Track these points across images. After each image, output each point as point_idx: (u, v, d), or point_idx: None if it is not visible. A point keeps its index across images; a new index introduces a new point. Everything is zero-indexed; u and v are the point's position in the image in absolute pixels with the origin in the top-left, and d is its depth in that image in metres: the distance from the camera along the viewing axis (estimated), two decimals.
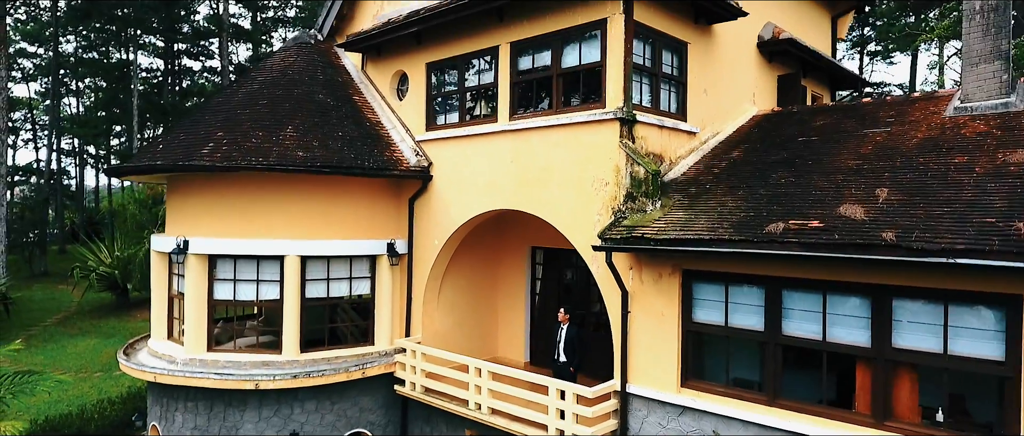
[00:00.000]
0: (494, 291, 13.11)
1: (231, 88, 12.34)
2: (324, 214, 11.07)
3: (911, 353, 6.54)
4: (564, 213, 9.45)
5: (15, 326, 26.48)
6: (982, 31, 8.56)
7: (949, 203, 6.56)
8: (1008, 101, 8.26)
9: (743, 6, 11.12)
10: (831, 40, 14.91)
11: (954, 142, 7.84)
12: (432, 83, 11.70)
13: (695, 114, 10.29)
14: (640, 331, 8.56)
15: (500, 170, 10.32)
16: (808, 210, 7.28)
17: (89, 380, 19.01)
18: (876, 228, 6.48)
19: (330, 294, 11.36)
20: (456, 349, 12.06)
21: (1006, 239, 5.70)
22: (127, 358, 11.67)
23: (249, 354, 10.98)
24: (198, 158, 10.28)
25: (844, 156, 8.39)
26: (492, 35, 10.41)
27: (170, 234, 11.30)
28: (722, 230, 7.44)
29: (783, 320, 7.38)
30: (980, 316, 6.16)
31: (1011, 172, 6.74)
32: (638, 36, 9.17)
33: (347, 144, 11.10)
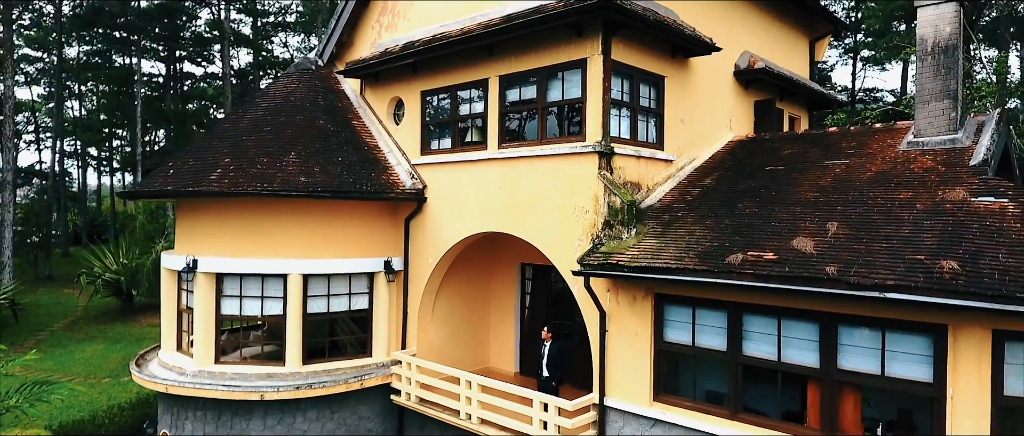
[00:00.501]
0: (486, 304, 13.86)
1: (237, 113, 13.07)
2: (325, 234, 11.81)
3: (854, 374, 7.28)
4: (548, 237, 10.20)
5: (24, 331, 27.23)
6: (933, 71, 9.29)
7: (888, 239, 7.29)
8: (955, 137, 9.00)
9: (721, 36, 11.89)
10: (809, 63, 15.63)
11: (902, 177, 8.57)
12: (426, 110, 12.44)
13: (672, 143, 11.02)
14: (616, 348, 9.31)
15: (490, 195, 11.06)
16: (766, 242, 8.01)
17: (98, 386, 19.74)
18: (822, 262, 7.22)
19: (330, 309, 12.10)
20: (450, 360, 12.83)
21: (930, 276, 6.43)
22: (139, 369, 12.42)
23: (254, 366, 11.73)
24: (206, 184, 11.02)
25: (804, 188, 9.12)
26: (483, 68, 11.15)
27: (180, 253, 12.04)
28: (688, 259, 8.19)
29: (743, 342, 8.12)
30: (912, 342, 6.90)
31: (946, 210, 7.47)
32: (617, 73, 9.91)
33: (346, 168, 11.84)
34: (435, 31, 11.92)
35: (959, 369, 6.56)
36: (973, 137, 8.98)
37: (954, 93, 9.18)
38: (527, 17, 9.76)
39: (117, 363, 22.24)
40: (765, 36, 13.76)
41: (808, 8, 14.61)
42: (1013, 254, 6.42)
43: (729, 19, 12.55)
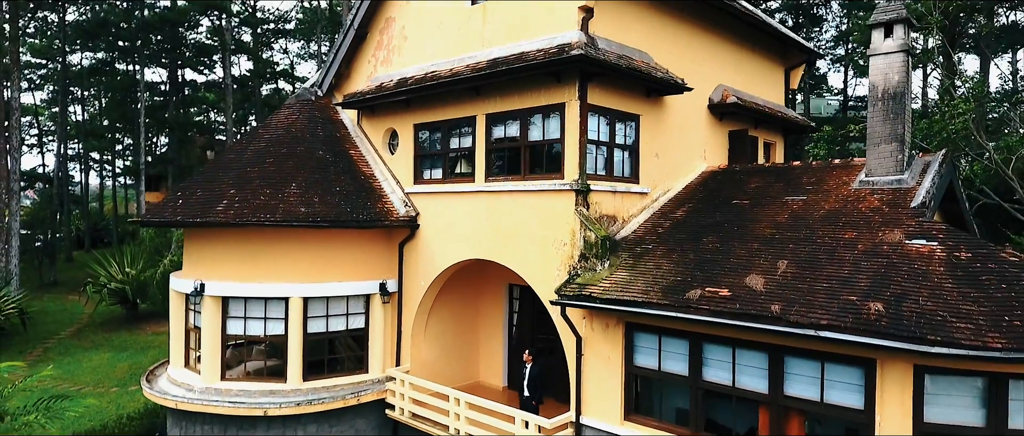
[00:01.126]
0: (476, 323, 14.72)
1: (241, 144, 13.93)
2: (324, 259, 12.67)
3: (798, 400, 8.14)
4: (530, 266, 11.06)
5: (32, 339, 28.11)
6: (883, 116, 10.14)
7: (829, 279, 8.14)
8: (901, 178, 9.85)
9: (696, 71, 12.77)
10: (785, 90, 16.47)
11: (850, 216, 9.42)
12: (419, 141, 13.29)
13: (647, 176, 11.88)
14: (591, 371, 10.18)
15: (477, 224, 11.92)
16: (723, 278, 8.87)
17: (107, 395, 20.63)
18: (769, 299, 8.08)
19: (329, 329, 12.98)
20: (442, 375, 13.71)
21: (858, 317, 7.29)
22: (150, 385, 13.31)
23: (258, 383, 12.60)
24: (213, 214, 11.88)
25: (763, 224, 9.98)
26: (471, 106, 12.00)
27: (188, 277, 12.91)
28: (653, 293, 9.05)
29: (703, 368, 8.98)
30: (847, 373, 7.75)
31: (882, 252, 8.32)
32: (593, 113, 10.76)
33: (344, 198, 12.70)
34: (427, 69, 12.78)
35: (886, 398, 7.42)
36: (918, 178, 9.83)
37: (901, 137, 10.04)
38: (510, 64, 10.62)
39: (124, 372, 23.13)
40: (740, 67, 14.60)
41: (783, 40, 15.44)
42: (932, 297, 7.27)
43: (704, 54, 13.39)
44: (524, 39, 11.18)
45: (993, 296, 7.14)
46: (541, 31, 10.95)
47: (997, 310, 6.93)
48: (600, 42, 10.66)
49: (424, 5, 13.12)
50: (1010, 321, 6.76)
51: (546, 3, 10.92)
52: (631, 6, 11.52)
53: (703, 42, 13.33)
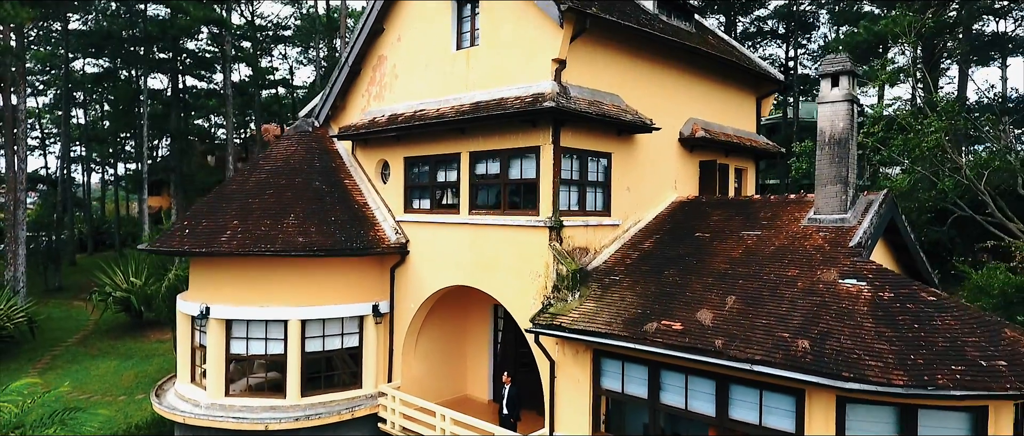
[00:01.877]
0: (463, 340, 15.79)
1: (243, 174, 14.97)
2: (320, 284, 13.72)
3: (741, 423, 9.19)
4: (509, 294, 12.11)
5: (40, 346, 29.20)
6: (829, 160, 11.17)
7: (769, 315, 9.19)
8: (844, 217, 10.88)
9: (667, 107, 13.81)
10: (756, 117, 17.47)
11: (796, 253, 10.46)
12: (409, 173, 14.33)
13: (619, 208, 12.91)
14: (563, 391, 11.23)
15: (461, 253, 12.97)
16: (678, 311, 9.92)
17: (115, 404, 21.72)
18: (715, 334, 9.13)
19: (326, 348, 14.04)
20: (431, 389, 14.79)
21: (787, 353, 8.34)
22: (159, 400, 14.39)
23: (259, 398, 13.66)
24: (218, 245, 12.93)
25: (719, 259, 11.01)
26: (455, 143, 13.04)
27: (194, 300, 13.97)
28: (616, 325, 10.10)
29: (661, 392, 10.04)
30: (781, 400, 8.80)
31: (817, 290, 9.36)
32: (567, 155, 11.80)
33: (339, 227, 13.75)
34: (416, 107, 13.81)
35: (813, 423, 8.47)
36: (860, 216, 10.86)
37: (845, 178, 11.07)
38: (490, 110, 11.65)
39: (131, 381, 24.22)
40: (711, 100, 15.60)
41: (754, 73, 16.44)
42: (852, 336, 8.31)
43: (675, 90, 14.40)
44: (504, 85, 12.20)
45: (904, 335, 8.19)
46: (519, 79, 11.98)
47: (905, 349, 7.97)
48: (572, 89, 11.69)
49: (414, 47, 14.14)
50: (914, 359, 7.80)
51: (523, 53, 11.95)
52: (603, 52, 12.53)
53: (674, 79, 14.34)
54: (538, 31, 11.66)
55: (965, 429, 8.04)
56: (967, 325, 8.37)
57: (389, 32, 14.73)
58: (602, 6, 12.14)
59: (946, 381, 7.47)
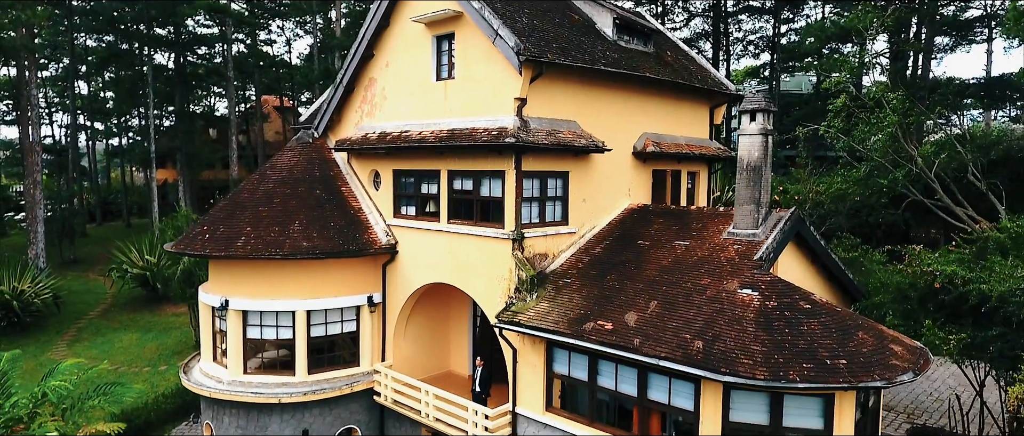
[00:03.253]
0: (446, 324, 18.36)
1: (253, 182, 17.30)
2: (322, 280, 16.20)
3: (655, 402, 11.75)
4: (480, 293, 14.60)
5: (65, 319, 32.01)
6: (746, 183, 13.47)
7: (680, 318, 11.65)
8: (755, 233, 13.25)
9: (622, 125, 16.02)
10: (709, 125, 19.62)
11: (713, 264, 12.84)
12: (397, 183, 16.66)
13: (575, 218, 15.27)
14: (523, 375, 13.82)
15: (442, 256, 15.41)
16: (611, 313, 12.39)
17: (141, 374, 24.54)
18: (636, 333, 11.62)
19: (328, 333, 16.60)
20: (418, 367, 17.43)
21: (686, 352, 10.82)
22: (187, 377, 17.06)
23: (273, 376, 16.30)
24: (235, 249, 15.37)
25: (652, 267, 13.43)
26: (436, 161, 15.34)
27: (214, 293, 16.48)
28: (562, 323, 12.59)
29: (597, 376, 12.59)
30: (684, 386, 11.33)
31: (721, 298, 11.79)
32: (528, 177, 14.11)
33: (337, 232, 16.16)
34: (402, 127, 16.05)
35: (706, 404, 11.01)
36: (768, 232, 13.22)
37: (758, 200, 13.38)
38: (462, 140, 13.93)
39: (153, 353, 27.03)
40: (665, 114, 17.74)
41: (706, 89, 18.51)
42: (736, 338, 10.77)
43: (629, 110, 16.55)
44: (476, 115, 14.44)
45: (775, 338, 10.66)
46: (488, 111, 14.21)
47: (773, 349, 10.46)
48: (533, 122, 13.93)
49: (400, 73, 16.29)
50: (777, 358, 10.29)
51: (492, 89, 14.14)
52: (561, 85, 14.70)
53: (628, 100, 16.49)
54: (503, 72, 13.84)
55: (818, 411, 10.60)
56: (827, 329, 10.84)
57: (379, 57, 16.84)
58: (560, 47, 14.28)
59: (795, 376, 9.98)
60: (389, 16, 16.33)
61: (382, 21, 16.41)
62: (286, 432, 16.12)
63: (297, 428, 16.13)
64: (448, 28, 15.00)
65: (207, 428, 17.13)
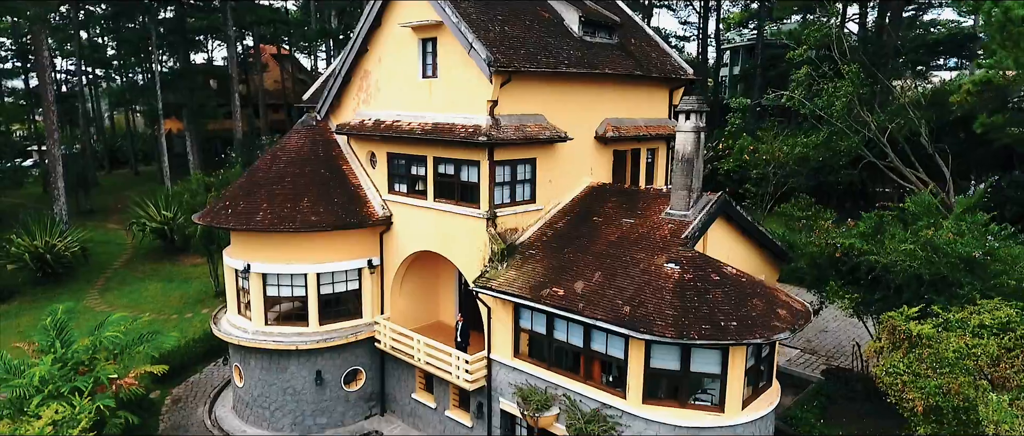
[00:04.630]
0: (436, 281, 21.60)
1: (266, 161, 20.18)
2: (329, 247, 19.31)
3: (597, 352, 15.06)
4: (461, 261, 17.74)
5: (94, 270, 35.49)
6: (681, 171, 16.33)
7: (617, 287, 14.78)
8: (686, 214, 16.22)
9: (585, 114, 18.68)
10: (668, 106, 22.23)
11: (650, 240, 15.88)
12: (391, 163, 19.52)
13: (542, 197, 18.22)
14: (496, 329, 17.10)
15: (429, 229, 18.47)
16: (565, 281, 15.53)
17: (170, 322, 28.08)
18: (580, 299, 14.78)
19: (335, 290, 19.85)
20: (412, 318, 20.79)
21: (617, 316, 13.99)
22: (217, 327, 20.48)
23: (290, 326, 19.65)
24: (254, 223, 18.43)
25: (601, 242, 16.48)
26: (423, 149, 18.16)
27: (237, 257, 19.63)
28: (525, 288, 15.76)
29: (553, 331, 15.86)
30: (617, 341, 14.58)
31: (650, 271, 14.87)
32: (500, 165, 16.97)
33: (341, 206, 19.17)
34: (394, 116, 18.78)
35: (632, 353, 14.28)
36: (697, 213, 16.19)
37: (690, 186, 16.27)
38: (443, 134, 16.73)
39: (178, 301, 30.53)
40: (626, 100, 20.34)
41: (664, 76, 21.00)
42: (655, 305, 13.91)
43: (592, 100, 19.16)
44: (456, 111, 17.17)
45: (685, 305, 13.81)
46: (466, 108, 16.93)
47: (682, 314, 13.62)
48: (503, 119, 16.68)
49: (391, 68, 18.89)
50: (684, 321, 13.47)
51: (469, 89, 16.82)
52: (530, 84, 17.32)
53: (591, 91, 19.09)
54: (478, 77, 16.48)
55: (717, 360, 13.86)
56: (727, 297, 13.99)
57: (372, 52, 19.39)
58: (527, 53, 16.87)
59: (695, 335, 13.18)
60: (381, 17, 18.78)
61: (375, 21, 18.87)
62: (302, 373, 19.63)
63: (311, 370, 19.63)
64: (431, 33, 17.53)
65: (236, 370, 20.68)
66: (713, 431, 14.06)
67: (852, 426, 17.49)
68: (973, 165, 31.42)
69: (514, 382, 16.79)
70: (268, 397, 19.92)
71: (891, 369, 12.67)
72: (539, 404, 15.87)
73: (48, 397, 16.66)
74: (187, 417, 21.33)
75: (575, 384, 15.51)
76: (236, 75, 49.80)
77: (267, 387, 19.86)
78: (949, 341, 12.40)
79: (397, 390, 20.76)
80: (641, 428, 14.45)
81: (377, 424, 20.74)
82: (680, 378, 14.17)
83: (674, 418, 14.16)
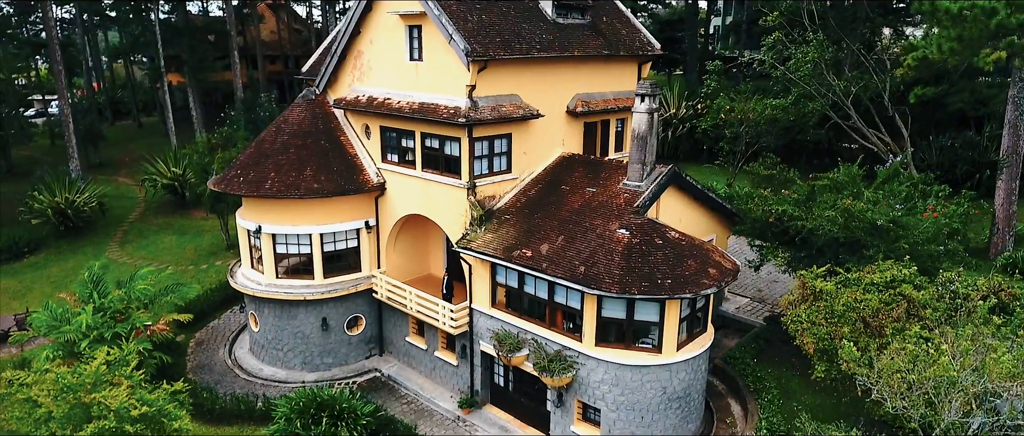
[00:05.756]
0: (427, 239, 24.46)
1: (272, 133, 22.70)
2: (330, 211, 22.06)
3: (559, 303, 18.01)
4: (446, 224, 20.53)
5: (111, 223, 38.37)
6: (636, 148, 18.89)
7: (574, 250, 17.58)
8: (640, 185, 18.87)
9: (557, 91, 21.09)
10: (637, 77, 24.50)
11: (607, 208, 18.59)
12: (383, 135, 22.06)
13: (517, 166, 20.83)
14: (476, 283, 20.03)
15: (418, 195, 21.19)
16: (532, 243, 18.33)
17: (187, 273, 31.12)
18: (544, 260, 17.62)
19: (336, 248, 22.74)
20: (405, 271, 23.77)
21: (572, 273, 16.85)
22: (233, 279, 23.49)
23: (298, 279, 22.63)
24: (264, 190, 21.14)
25: (566, 209, 19.19)
26: (412, 125, 20.68)
27: (249, 219, 22.42)
28: (499, 249, 18.59)
29: (523, 286, 18.78)
30: (575, 295, 17.50)
31: (605, 235, 17.64)
32: (478, 141, 19.53)
33: (340, 174, 21.83)
34: (385, 94, 21.20)
35: (586, 305, 17.23)
36: (649, 185, 18.85)
37: (644, 160, 18.85)
38: (428, 114, 19.23)
39: (192, 254, 33.52)
40: (596, 76, 22.64)
41: (632, 53, 23.21)
42: (606, 265, 16.74)
43: (564, 78, 21.50)
44: (440, 93, 19.59)
45: (630, 265, 16.64)
46: (448, 90, 19.34)
47: (627, 273, 16.47)
48: (481, 101, 19.13)
49: (381, 50, 21.17)
50: (628, 279, 16.33)
51: (450, 73, 19.19)
52: (505, 68, 19.66)
53: (562, 71, 21.40)
54: (458, 64, 18.82)
55: (656, 311, 16.80)
56: (666, 259, 16.81)
57: (364, 35, 21.63)
58: (502, 41, 19.16)
59: (635, 291, 16.07)
60: (371, 3, 20.94)
61: (366, 6, 21.03)
62: (310, 320, 22.74)
63: (318, 317, 22.74)
64: (417, 21, 19.76)
65: (252, 317, 23.81)
66: (651, 368, 17.16)
67: (781, 366, 20.64)
68: (932, 125, 33.70)
69: (491, 328, 19.85)
70: (281, 340, 23.11)
71: (794, 318, 15.60)
72: (512, 346, 18.95)
73: (94, 341, 19.77)
74: (210, 357, 24.58)
75: (541, 330, 18.54)
76: (234, 27, 51.38)
77: (279, 332, 23.02)
78: (842, 296, 15.28)
79: (393, 334, 23.93)
80: (594, 366, 17.56)
81: (376, 363, 24.01)
82: (626, 326, 17.16)
83: (621, 358, 17.23)
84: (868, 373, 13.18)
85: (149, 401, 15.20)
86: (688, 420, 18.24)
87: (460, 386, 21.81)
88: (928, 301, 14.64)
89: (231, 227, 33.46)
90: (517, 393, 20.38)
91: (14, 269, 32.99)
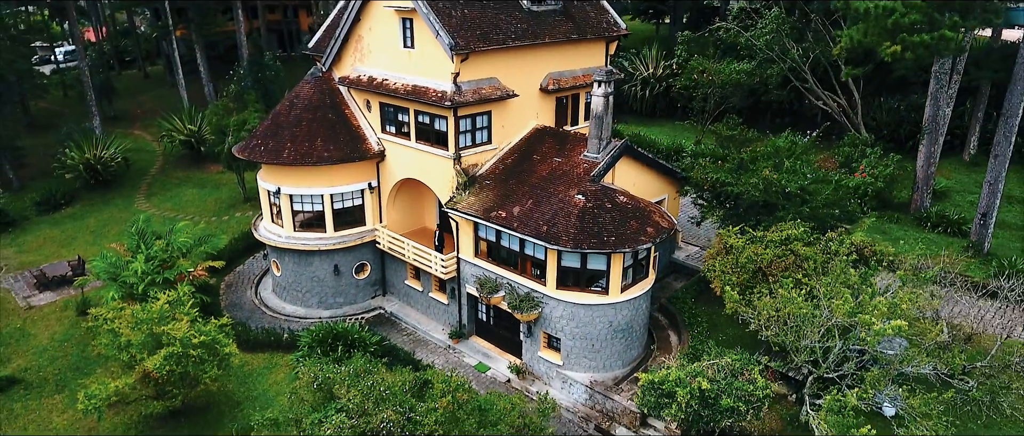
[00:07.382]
0: (422, 198, 28.82)
1: (285, 106, 26.74)
2: (338, 175, 26.34)
3: (528, 256, 22.51)
4: (437, 187, 24.88)
5: (134, 176, 42.63)
6: (595, 126, 23.01)
7: (540, 212, 21.93)
8: (597, 157, 23.08)
9: (530, 71, 25.03)
10: (605, 56, 28.28)
11: (568, 177, 22.85)
12: (383, 110, 26.11)
13: (497, 138, 24.97)
14: (462, 237, 24.51)
15: (412, 163, 25.44)
16: (507, 206, 22.69)
17: (211, 224, 35.60)
18: (515, 220, 22.02)
19: (345, 205, 27.15)
20: (403, 224, 28.30)
21: (537, 231, 21.28)
22: (257, 231, 28.06)
23: (313, 233, 27.14)
24: (281, 159, 25.38)
25: (536, 176, 23.45)
26: (406, 103, 24.72)
27: (269, 182, 26.75)
28: (480, 210, 22.99)
29: (500, 240, 23.27)
30: (540, 248, 21.97)
31: (565, 200, 21.95)
32: (463, 118, 23.63)
33: (346, 144, 26.01)
34: (383, 75, 25.13)
35: (550, 258, 21.72)
36: (605, 156, 23.04)
37: (600, 136, 22.99)
38: (419, 96, 23.27)
39: (213, 206, 37.93)
40: (567, 56, 26.43)
41: (600, 35, 26.89)
42: (563, 225, 21.12)
43: (538, 60, 25.33)
44: (430, 77, 23.55)
45: (583, 226, 21.03)
46: (436, 76, 23.29)
47: (580, 232, 20.88)
48: (464, 85, 23.11)
49: (379, 37, 24.97)
50: (581, 236, 20.75)
51: (438, 60, 23.10)
52: (485, 57, 23.53)
53: (536, 54, 25.22)
54: (444, 54, 22.71)
55: (604, 261, 21.31)
56: (613, 220, 21.20)
57: (364, 22, 25.37)
58: (482, 34, 22.98)
59: (586, 246, 20.53)
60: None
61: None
62: (324, 266, 27.41)
63: (330, 264, 27.39)
64: (409, 15, 23.51)
65: (274, 264, 28.47)
66: (600, 306, 21.84)
67: (713, 304, 25.33)
68: (882, 88, 37.38)
69: (475, 274, 24.47)
70: (299, 283, 27.84)
71: (710, 267, 20.13)
72: (491, 289, 23.60)
73: (148, 285, 24.44)
74: (239, 297, 29.38)
75: (514, 276, 23.15)
76: None
77: (298, 276, 27.72)
78: (746, 251, 19.74)
79: (394, 278, 28.62)
80: (555, 305, 22.25)
81: (381, 302, 28.82)
82: (580, 273, 21.72)
83: (576, 298, 21.88)
84: (748, 310, 17.75)
85: (206, 331, 19.95)
86: (630, 347, 23.07)
87: (450, 321, 26.63)
88: (811, 255, 19.07)
89: (248, 181, 37.78)
90: (496, 326, 25.21)
91: (54, 219, 37.50)
